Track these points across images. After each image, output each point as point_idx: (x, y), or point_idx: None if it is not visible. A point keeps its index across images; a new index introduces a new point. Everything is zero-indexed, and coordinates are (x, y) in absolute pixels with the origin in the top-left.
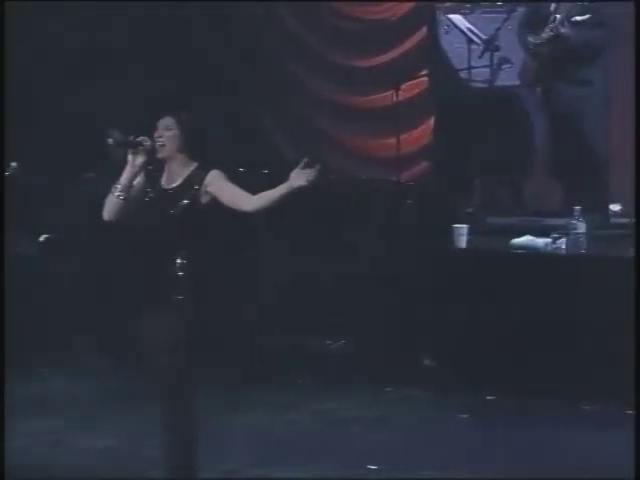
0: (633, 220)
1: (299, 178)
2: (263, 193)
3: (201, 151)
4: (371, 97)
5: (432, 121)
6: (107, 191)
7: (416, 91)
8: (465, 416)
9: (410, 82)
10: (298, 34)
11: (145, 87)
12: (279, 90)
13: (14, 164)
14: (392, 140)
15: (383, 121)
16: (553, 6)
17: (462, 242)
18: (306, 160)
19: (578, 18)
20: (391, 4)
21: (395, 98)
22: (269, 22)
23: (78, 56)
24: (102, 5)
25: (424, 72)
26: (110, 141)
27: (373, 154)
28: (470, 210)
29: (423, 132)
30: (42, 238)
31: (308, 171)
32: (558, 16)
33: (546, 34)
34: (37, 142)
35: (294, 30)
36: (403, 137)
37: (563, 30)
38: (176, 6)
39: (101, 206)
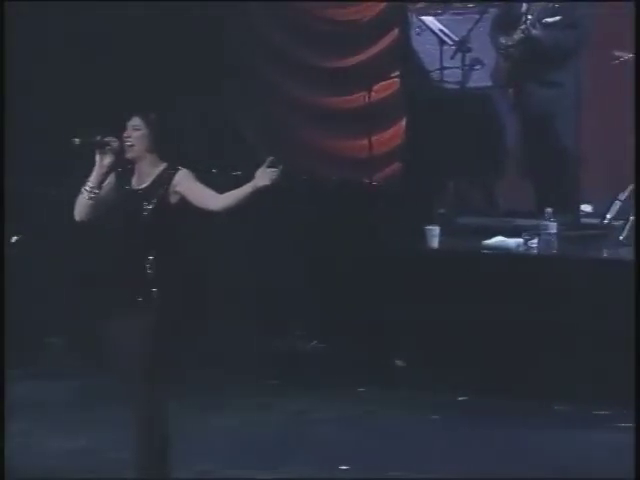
0: (604, 221)
1: (263, 177)
2: (229, 192)
3: (171, 151)
4: (343, 98)
5: (404, 122)
6: (77, 191)
7: (388, 92)
8: (437, 417)
9: (382, 83)
10: (270, 35)
11: (115, 87)
12: (250, 91)
13: None
14: (364, 141)
15: (355, 122)
16: (524, 7)
17: (434, 243)
18: (270, 159)
19: (549, 20)
20: (362, 5)
21: (367, 99)
22: (241, 23)
23: (50, 55)
24: (74, 5)
25: (396, 73)
26: (77, 141)
27: (345, 155)
28: (442, 211)
29: (395, 133)
30: (14, 239)
31: (272, 170)
32: (529, 17)
33: (517, 35)
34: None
35: (266, 31)
36: (375, 138)
37: (534, 32)
38: (147, 6)
39: (72, 206)
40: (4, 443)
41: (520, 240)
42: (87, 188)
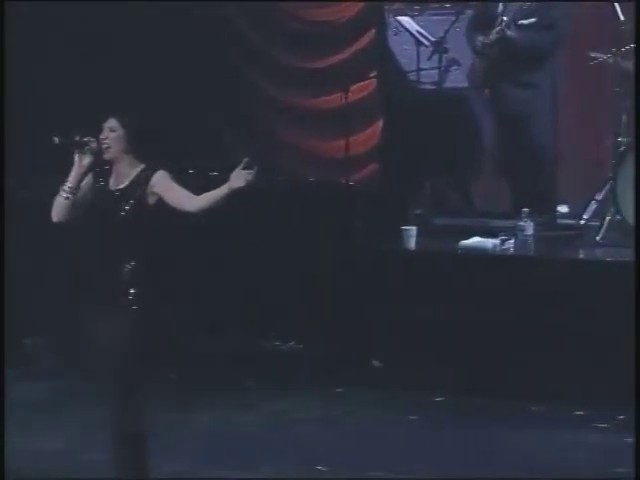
0: (581, 221)
1: (238, 179)
2: (205, 194)
3: (148, 152)
4: (320, 99)
5: (381, 123)
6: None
7: (365, 93)
8: (415, 417)
9: (359, 84)
10: (248, 35)
11: (93, 87)
12: (228, 91)
13: None
14: (341, 142)
15: (332, 123)
16: (500, 8)
17: (411, 243)
18: (246, 161)
19: (525, 21)
20: (340, 6)
21: (344, 100)
22: (219, 22)
23: (31, 56)
24: (54, 5)
25: (373, 74)
26: (56, 140)
27: (322, 156)
28: (419, 211)
29: (372, 134)
30: None
31: (247, 172)
32: (505, 18)
33: (493, 36)
34: None
35: (244, 31)
36: (352, 139)
37: (510, 32)
38: (126, 5)
39: (50, 207)
40: (4, 443)
41: (497, 241)
42: (65, 188)
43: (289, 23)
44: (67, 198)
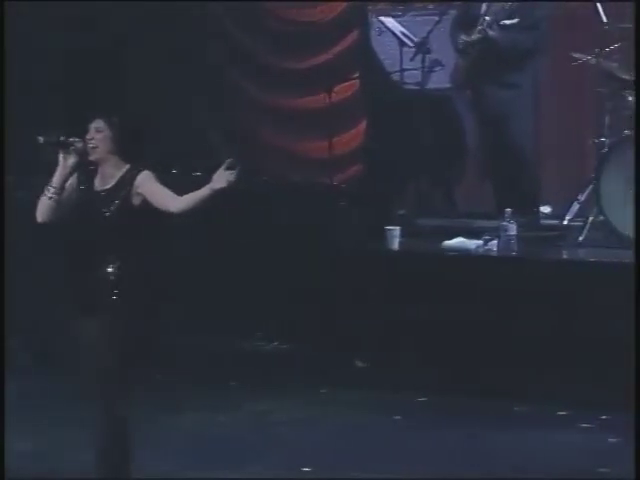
0: (563, 222)
1: (220, 179)
2: (188, 194)
3: (134, 153)
4: (304, 99)
5: (364, 123)
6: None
7: (348, 93)
8: (399, 417)
9: (342, 84)
10: (231, 35)
11: (78, 88)
12: (212, 91)
13: None
14: (325, 142)
15: (316, 123)
16: (483, 9)
17: (395, 244)
18: (229, 161)
19: (507, 21)
20: (323, 6)
21: (327, 100)
22: (203, 22)
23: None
24: (35, 4)
25: (356, 74)
26: (41, 140)
27: (306, 156)
28: (402, 212)
29: (356, 134)
30: None
31: (229, 172)
32: (487, 19)
33: (475, 36)
34: None
35: (227, 31)
36: (336, 139)
37: (492, 33)
38: (112, 5)
39: (34, 207)
40: (4, 443)
41: (480, 241)
42: (50, 189)
43: (273, 23)
44: (51, 198)
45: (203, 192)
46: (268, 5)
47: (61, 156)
